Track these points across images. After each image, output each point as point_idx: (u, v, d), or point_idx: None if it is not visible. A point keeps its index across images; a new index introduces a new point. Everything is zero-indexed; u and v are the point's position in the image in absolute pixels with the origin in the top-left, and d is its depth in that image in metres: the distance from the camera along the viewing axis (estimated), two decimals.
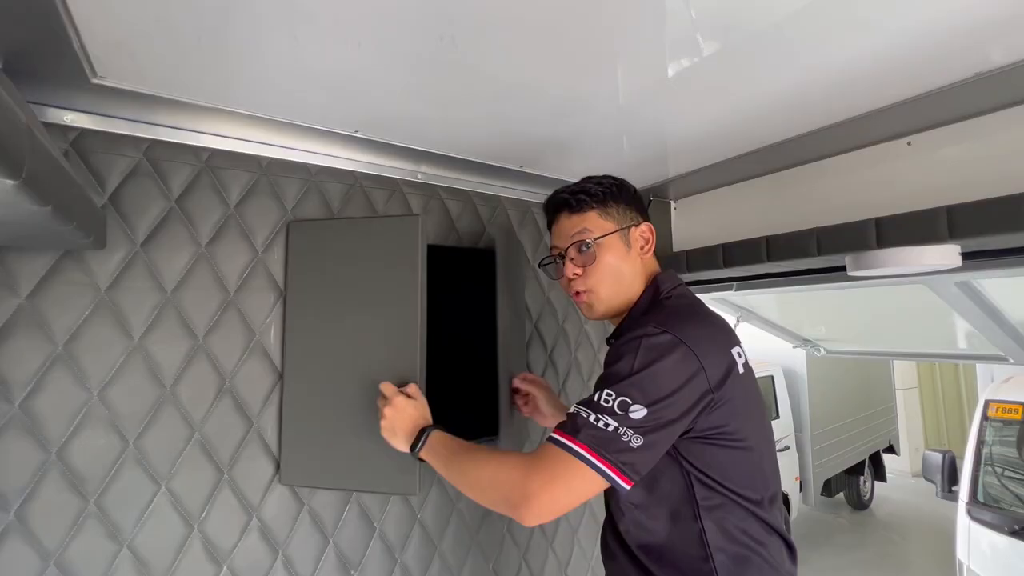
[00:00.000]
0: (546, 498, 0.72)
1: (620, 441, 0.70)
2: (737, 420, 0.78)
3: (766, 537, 0.80)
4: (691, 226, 1.70)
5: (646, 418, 0.70)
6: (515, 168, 1.41)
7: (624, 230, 0.93)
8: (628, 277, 0.92)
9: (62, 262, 0.95)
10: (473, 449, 0.86)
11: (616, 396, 0.72)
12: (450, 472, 0.86)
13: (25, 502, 0.89)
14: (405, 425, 0.91)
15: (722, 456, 0.78)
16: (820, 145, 1.25)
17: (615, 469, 0.70)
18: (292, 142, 1.19)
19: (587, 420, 0.73)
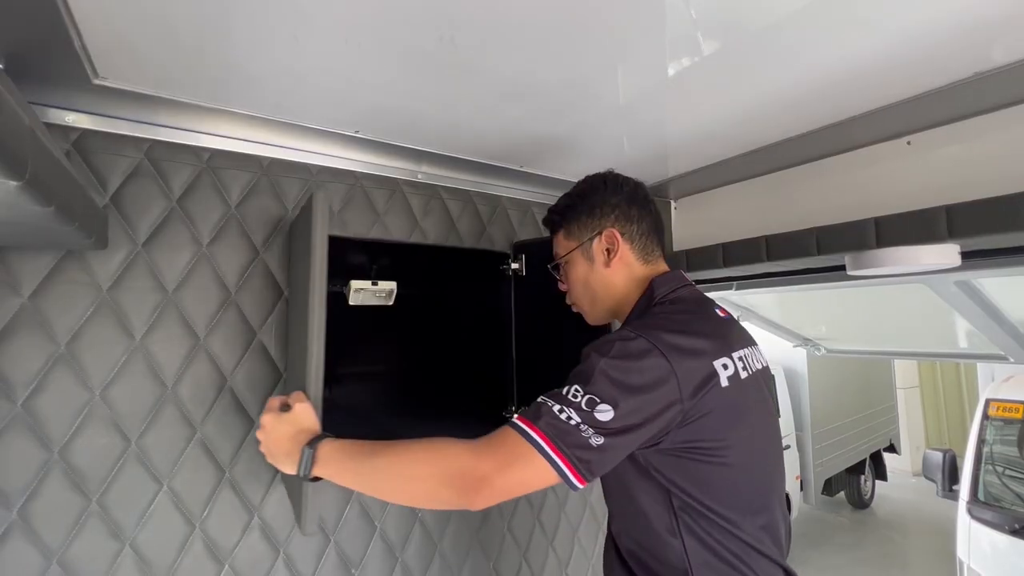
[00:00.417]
0: (499, 483, 0.69)
1: (580, 436, 0.68)
2: (715, 434, 0.74)
3: (753, 559, 0.75)
4: (691, 225, 1.70)
5: (611, 420, 0.68)
6: (515, 168, 1.41)
7: (585, 244, 0.94)
8: (601, 287, 0.93)
9: (64, 262, 0.95)
10: (390, 445, 0.75)
11: (584, 394, 0.70)
12: (365, 478, 0.75)
13: (28, 501, 0.90)
14: (280, 447, 0.79)
15: (699, 471, 0.74)
16: (820, 145, 1.25)
17: (569, 464, 0.68)
18: (293, 142, 1.19)
19: (550, 410, 0.71)
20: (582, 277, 0.95)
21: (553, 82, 0.96)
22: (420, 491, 0.73)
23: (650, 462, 0.76)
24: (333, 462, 0.76)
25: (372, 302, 1.68)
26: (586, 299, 0.97)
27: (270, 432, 0.81)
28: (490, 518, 1.44)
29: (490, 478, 0.69)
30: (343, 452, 0.77)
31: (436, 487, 0.71)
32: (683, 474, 0.75)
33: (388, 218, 1.34)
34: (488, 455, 0.71)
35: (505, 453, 0.70)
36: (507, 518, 1.48)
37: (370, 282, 1.64)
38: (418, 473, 0.72)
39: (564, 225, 0.98)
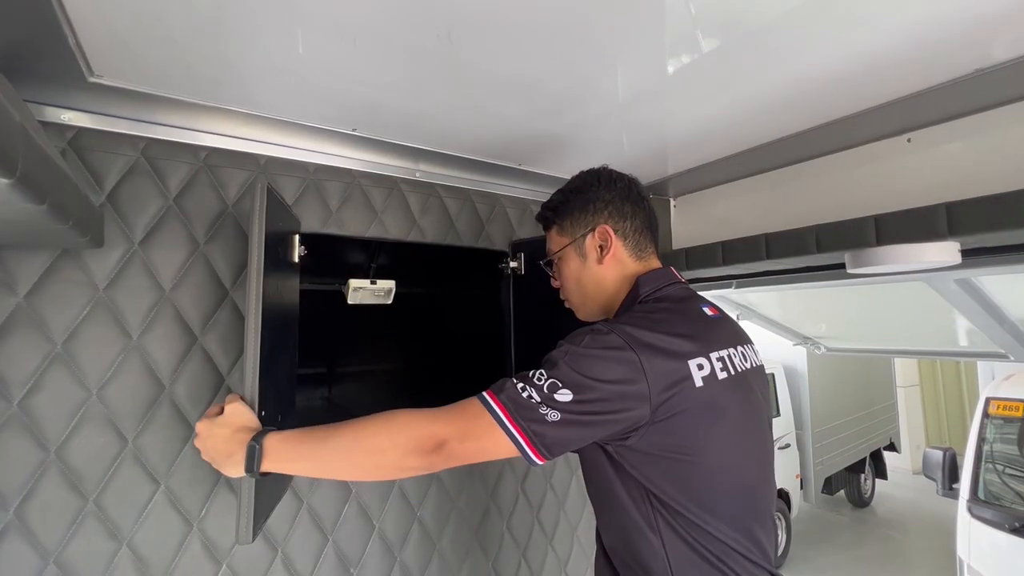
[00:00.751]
0: (458, 447, 0.72)
1: (537, 412, 0.70)
2: (689, 434, 0.74)
3: (735, 560, 0.74)
4: (691, 224, 1.69)
5: (569, 403, 0.70)
6: (514, 166, 1.41)
7: (578, 241, 0.94)
8: (593, 284, 0.94)
9: (60, 261, 0.95)
10: (343, 425, 0.75)
11: (547, 378, 0.72)
12: (323, 462, 0.75)
13: (24, 501, 0.90)
14: (220, 450, 0.77)
15: (674, 470, 0.74)
16: (820, 142, 1.24)
17: (525, 437, 0.70)
18: (290, 140, 1.18)
19: (514, 386, 0.74)
20: (575, 274, 0.96)
21: (552, 80, 0.96)
22: (385, 462, 0.73)
23: (625, 459, 0.76)
24: (283, 452, 0.75)
25: (371, 301, 1.68)
26: (578, 296, 0.97)
27: (207, 437, 0.79)
28: (489, 517, 1.44)
29: (449, 442, 0.71)
30: (292, 440, 0.76)
31: (401, 456, 0.72)
32: (659, 473, 0.75)
33: (386, 216, 1.33)
34: (449, 420, 0.73)
35: (466, 420, 0.73)
36: (506, 517, 1.47)
37: (368, 281, 1.64)
38: (381, 445, 0.73)
39: (557, 221, 0.98)
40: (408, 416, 0.75)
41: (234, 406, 0.80)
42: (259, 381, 0.82)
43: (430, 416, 0.74)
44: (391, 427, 0.74)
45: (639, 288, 0.88)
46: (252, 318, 0.82)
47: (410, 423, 0.74)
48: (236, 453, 0.77)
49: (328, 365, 2.22)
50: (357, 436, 0.75)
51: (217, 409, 0.83)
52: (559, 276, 1.00)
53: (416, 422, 0.74)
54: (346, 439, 0.75)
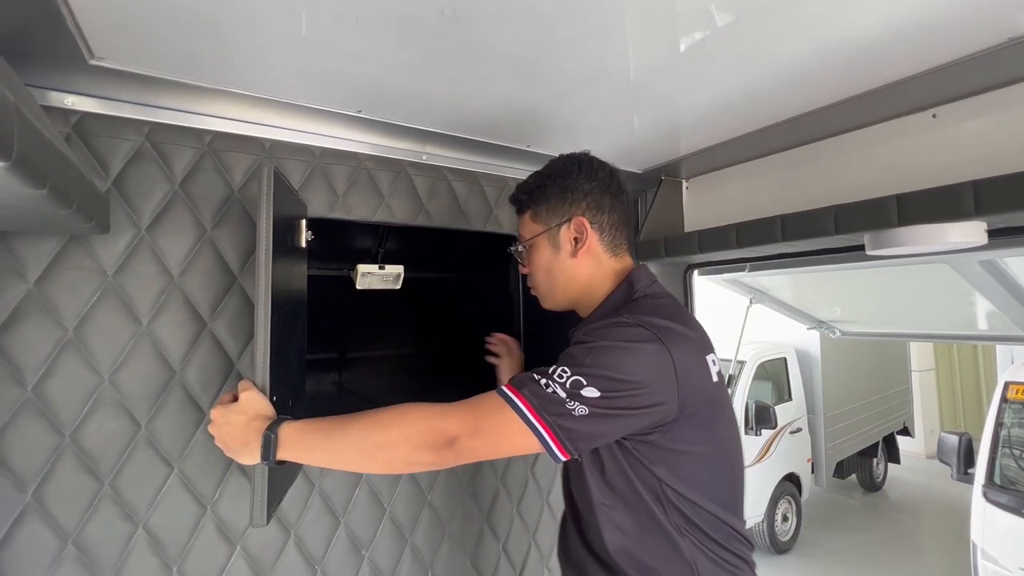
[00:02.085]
0: (468, 444, 0.70)
1: (563, 407, 0.68)
2: (705, 430, 0.76)
3: (735, 544, 0.79)
4: (703, 206, 1.66)
5: (597, 399, 0.68)
6: (522, 148, 1.38)
7: (552, 230, 0.91)
8: (564, 276, 0.91)
9: (68, 247, 0.95)
10: (356, 417, 0.75)
11: (571, 375, 0.70)
12: (337, 453, 0.74)
13: (41, 484, 0.91)
14: (235, 438, 0.77)
15: (688, 464, 0.75)
16: (839, 119, 1.20)
17: (551, 433, 0.68)
18: (295, 123, 1.17)
19: (536, 381, 0.72)
20: (545, 264, 0.92)
21: (560, 57, 0.92)
22: (395, 456, 0.72)
23: (643, 454, 0.75)
24: (298, 442, 0.75)
25: (379, 286, 1.68)
26: (546, 286, 0.94)
27: (222, 425, 0.78)
28: (499, 501, 1.45)
29: (460, 438, 0.70)
30: (307, 431, 0.76)
31: (411, 451, 0.71)
32: (676, 466, 0.75)
33: (393, 200, 1.32)
34: (462, 416, 0.72)
35: (481, 416, 0.72)
36: (516, 501, 1.48)
37: (377, 266, 1.63)
38: (392, 439, 0.72)
39: (532, 206, 0.94)
40: (420, 411, 0.74)
41: (248, 394, 0.80)
42: (270, 368, 0.82)
43: (442, 411, 0.73)
44: (403, 421, 0.73)
45: (634, 284, 0.86)
46: (262, 304, 0.82)
47: (421, 418, 0.73)
48: (252, 442, 0.77)
49: (339, 350, 2.23)
50: (369, 429, 0.74)
51: (231, 396, 0.83)
52: (528, 264, 0.95)
53: (428, 417, 0.73)
54: (358, 432, 0.74)
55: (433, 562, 1.32)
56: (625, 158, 1.52)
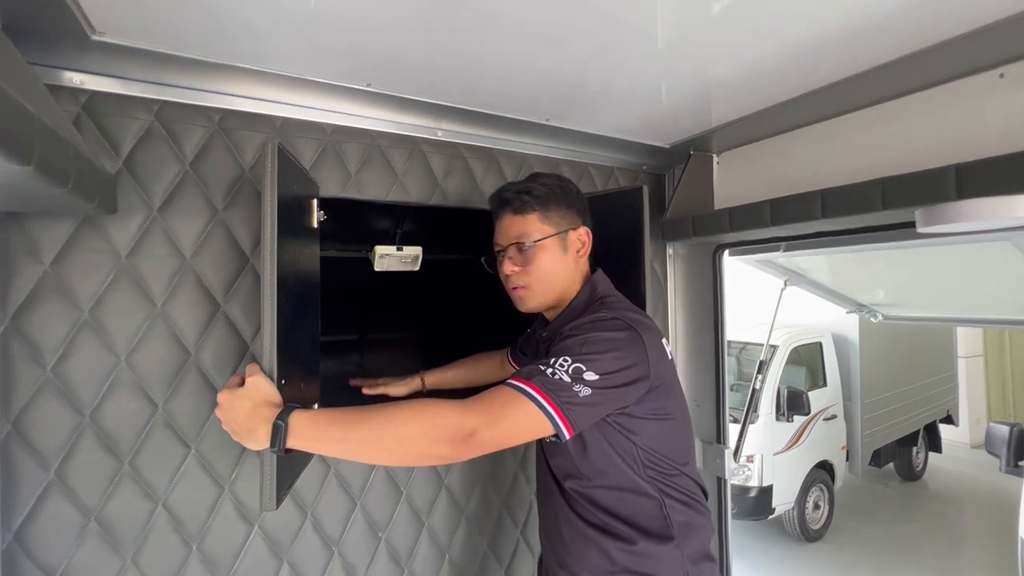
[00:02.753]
0: (486, 434, 0.75)
1: (571, 390, 0.78)
2: (668, 399, 0.92)
3: (695, 488, 0.97)
4: (736, 181, 1.56)
5: (596, 381, 0.80)
6: (542, 122, 1.31)
7: (563, 233, 1.00)
8: (562, 277, 1.00)
9: (82, 229, 0.95)
10: (372, 410, 0.77)
11: (571, 364, 0.80)
12: (351, 444, 0.76)
13: (64, 462, 0.93)
14: (242, 424, 0.76)
15: (658, 428, 0.91)
16: (888, 83, 1.09)
17: (561, 414, 0.77)
18: (305, 100, 1.13)
19: (543, 372, 0.80)
20: (551, 263, 0.99)
21: (583, 25, 0.86)
22: (414, 450, 0.75)
23: (623, 425, 0.89)
24: (310, 432, 0.75)
25: (398, 268, 1.65)
26: (543, 284, 1.00)
27: (228, 410, 0.77)
28: (518, 484, 1.43)
29: (479, 431, 0.75)
30: (320, 422, 0.76)
31: (430, 444, 0.74)
32: (650, 433, 0.90)
33: (407, 179, 1.28)
34: (480, 410, 0.77)
35: (501, 407, 0.78)
36: (534, 485, 1.45)
37: (395, 247, 1.61)
38: (411, 433, 0.75)
39: (540, 209, 0.98)
40: (439, 406, 0.77)
41: (255, 379, 0.78)
42: (277, 351, 0.80)
43: (461, 407, 0.77)
44: (422, 416, 0.76)
45: (596, 286, 1.01)
46: (268, 286, 0.79)
47: (442, 413, 0.76)
48: (258, 429, 0.76)
49: (360, 332, 2.24)
50: (388, 422, 0.76)
51: (238, 379, 0.81)
52: (529, 261, 0.99)
53: (447, 412, 0.76)
54: (376, 425, 0.76)
55: (450, 545, 1.31)
56: (652, 131, 1.44)
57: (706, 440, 1.64)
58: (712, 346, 1.62)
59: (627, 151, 1.56)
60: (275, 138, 0.77)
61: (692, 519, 0.93)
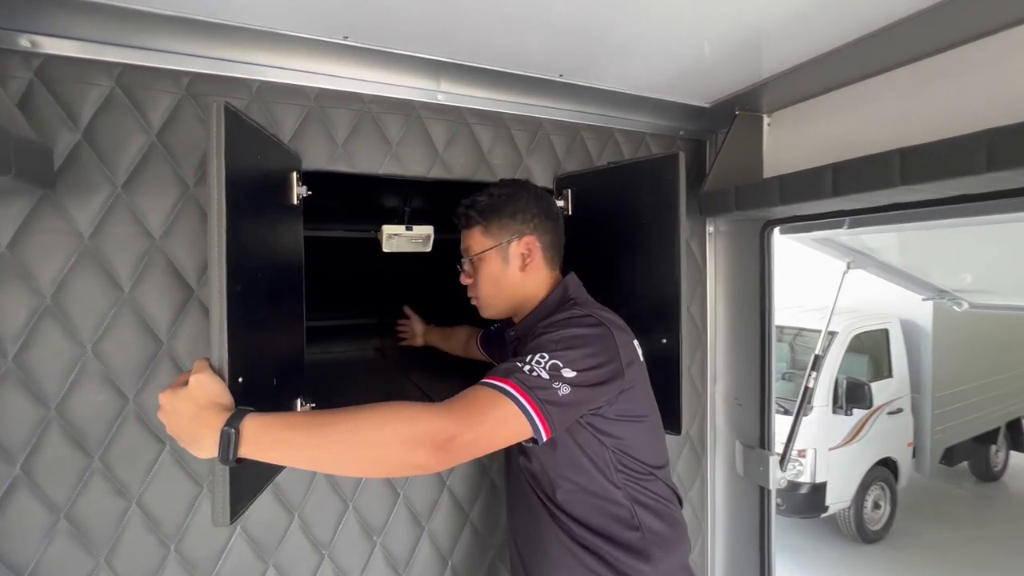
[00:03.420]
0: (469, 437, 0.69)
1: (550, 388, 0.75)
2: (640, 400, 0.90)
3: (668, 493, 0.94)
4: (791, 146, 1.33)
5: (574, 378, 0.76)
6: (555, 78, 1.14)
7: (502, 246, 0.98)
8: (508, 288, 0.99)
9: (40, 208, 0.87)
10: (338, 413, 0.68)
11: (548, 360, 0.77)
12: (316, 451, 0.67)
13: (30, 456, 0.87)
14: (185, 429, 0.67)
15: (631, 430, 0.88)
16: (992, 10, 0.84)
17: (540, 413, 0.73)
18: (283, 60, 1.01)
19: (520, 368, 0.76)
20: (493, 275, 0.99)
21: None
22: (386, 457, 0.68)
23: (596, 427, 0.86)
24: (266, 439, 0.65)
25: (408, 249, 1.53)
26: (491, 296, 1.01)
27: (169, 414, 0.68)
28: None
29: (460, 435, 0.69)
30: (277, 427, 0.66)
31: (405, 451, 0.67)
32: (623, 435, 0.87)
33: (403, 149, 1.14)
34: (457, 412, 0.71)
35: (480, 410, 0.72)
36: None
37: (404, 226, 1.48)
38: (384, 439, 0.67)
39: (482, 223, 0.99)
40: (414, 409, 0.70)
41: (199, 377, 0.68)
42: (231, 343, 0.69)
43: (436, 409, 0.70)
44: (396, 420, 0.68)
45: (567, 288, 0.99)
46: (216, 270, 0.68)
47: (418, 416, 0.69)
48: (202, 436, 0.66)
49: (378, 315, 2.16)
50: (356, 427, 0.68)
51: (185, 378, 0.72)
52: (474, 274, 1.02)
53: (424, 415, 0.69)
54: (343, 429, 0.67)
55: (453, 552, 1.21)
56: (689, 87, 1.23)
57: (748, 444, 1.45)
58: (757, 337, 1.41)
59: (660, 113, 1.35)
60: (219, 99, 0.66)
61: (667, 532, 0.90)
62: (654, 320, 1.05)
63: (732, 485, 1.53)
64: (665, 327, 1.02)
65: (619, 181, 1.15)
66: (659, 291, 1.04)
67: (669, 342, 1.01)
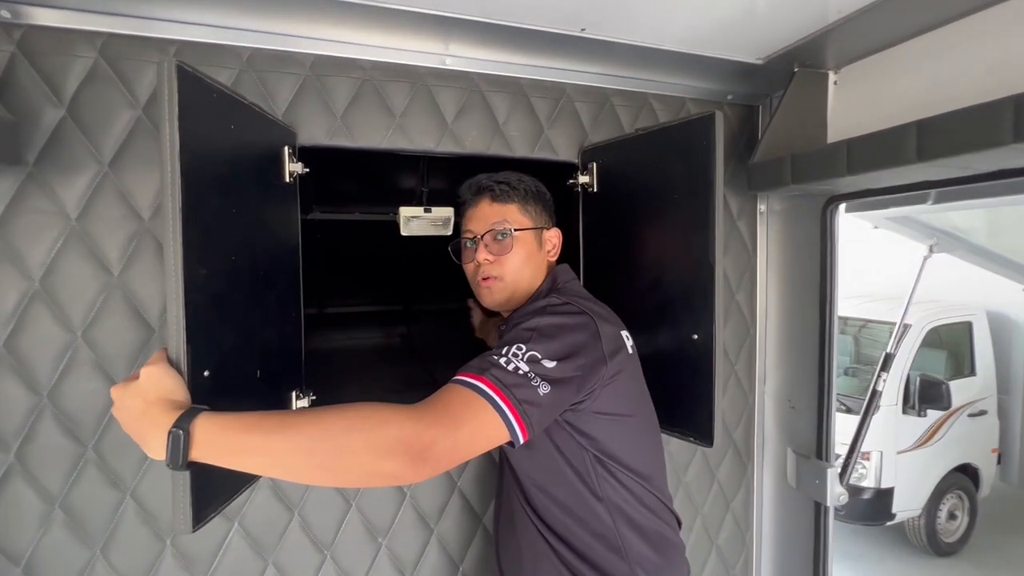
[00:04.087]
0: (448, 444, 0.62)
1: (529, 386, 0.68)
2: (626, 396, 0.83)
3: (662, 510, 0.86)
4: (861, 105, 1.12)
5: (552, 370, 0.71)
6: (577, 33, 0.99)
7: (539, 229, 0.96)
8: (530, 274, 0.95)
9: (25, 187, 0.84)
10: (301, 415, 0.63)
11: (527, 351, 0.71)
12: (276, 457, 0.59)
13: (23, 444, 0.85)
14: (132, 427, 0.61)
15: (615, 430, 0.81)
16: None
17: (517, 415, 0.67)
18: (275, 24, 0.93)
19: (496, 362, 0.70)
20: (525, 256, 0.94)
21: None
22: (355, 465, 0.61)
23: (576, 427, 0.79)
24: (221, 441, 0.58)
25: (428, 232, 1.44)
26: (515, 275, 0.94)
27: (119, 409, 0.62)
28: None
29: (438, 441, 0.62)
30: (234, 429, 0.59)
31: (375, 460, 0.60)
32: (607, 435, 0.80)
33: (408, 121, 1.04)
34: (433, 416, 0.64)
35: (454, 410, 0.66)
36: None
37: (422, 208, 1.39)
38: (352, 445, 0.60)
39: (519, 201, 0.95)
40: (385, 412, 0.63)
41: (151, 370, 0.61)
42: (187, 333, 0.62)
43: (409, 413, 0.63)
44: (365, 425, 0.61)
45: (557, 277, 0.95)
46: (171, 254, 0.60)
47: (389, 420, 0.62)
48: (149, 435, 0.59)
49: (405, 303, 2.10)
50: (322, 431, 0.61)
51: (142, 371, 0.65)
52: (506, 250, 0.93)
53: (396, 419, 0.62)
54: (308, 433, 0.60)
55: (464, 557, 1.12)
56: (738, 40, 1.05)
57: (801, 453, 1.27)
58: (816, 332, 1.23)
59: (702, 73, 1.18)
60: (170, 59, 0.58)
61: (656, 559, 0.81)
62: (684, 312, 0.90)
63: (782, 497, 1.36)
64: (696, 321, 0.88)
65: (648, 150, 1.00)
66: (690, 279, 0.89)
67: (701, 338, 0.87)
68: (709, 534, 1.33)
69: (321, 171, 1.05)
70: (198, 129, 0.63)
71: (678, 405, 0.93)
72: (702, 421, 0.88)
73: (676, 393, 0.93)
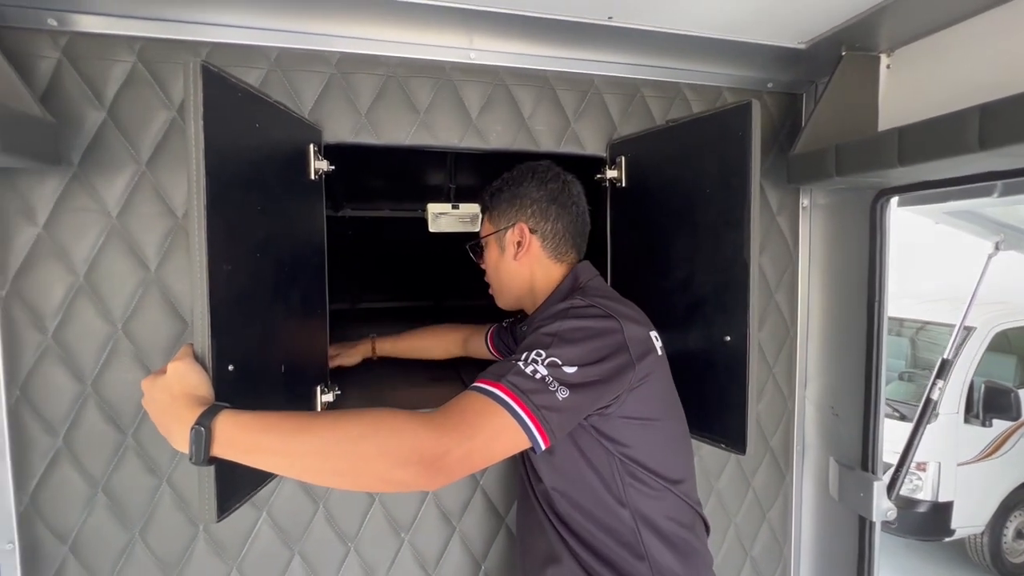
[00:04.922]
0: (462, 452, 0.62)
1: (547, 391, 0.67)
2: (654, 399, 0.79)
3: (690, 517, 0.83)
4: (916, 91, 1.04)
5: (573, 377, 0.69)
6: (604, 22, 0.96)
7: (500, 233, 0.94)
8: (507, 276, 0.94)
9: (71, 187, 0.88)
10: (319, 418, 0.63)
11: (546, 356, 0.69)
12: (293, 458, 0.60)
13: (70, 429, 0.90)
14: (158, 419, 0.64)
15: (642, 434, 0.78)
16: None
17: (536, 421, 0.65)
18: (303, 24, 0.94)
19: (515, 366, 0.68)
20: (493, 263, 0.96)
21: None
22: (368, 472, 0.62)
23: (601, 431, 0.77)
24: (240, 439, 0.59)
25: (456, 229, 1.44)
26: (496, 283, 0.98)
27: (148, 402, 0.64)
28: None
29: (451, 450, 0.61)
30: (253, 428, 0.60)
31: (389, 467, 0.60)
32: (630, 438, 0.77)
33: (432, 117, 1.04)
34: (448, 424, 0.63)
35: (469, 418, 0.65)
36: None
37: (450, 205, 1.39)
38: (366, 452, 0.60)
39: (491, 208, 0.96)
40: (401, 419, 0.63)
41: (177, 365, 0.63)
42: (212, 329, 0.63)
43: (425, 420, 0.63)
44: (380, 432, 0.62)
45: (578, 276, 0.91)
46: (197, 250, 0.62)
47: (404, 427, 0.62)
48: (173, 429, 0.61)
49: (435, 298, 2.11)
50: (338, 436, 0.62)
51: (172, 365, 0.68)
52: (483, 261, 0.99)
53: (411, 427, 0.62)
54: (324, 437, 0.61)
55: (487, 556, 1.12)
56: (779, 23, 0.99)
57: (845, 463, 1.20)
58: (861, 335, 1.15)
59: (741, 60, 1.12)
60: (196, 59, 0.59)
61: (679, 569, 0.79)
62: (716, 313, 0.86)
63: (824, 509, 1.29)
64: (729, 322, 0.83)
65: (679, 143, 0.96)
66: (723, 278, 0.84)
67: (734, 340, 0.82)
68: (743, 544, 1.27)
69: (351, 168, 1.06)
70: (223, 128, 0.64)
71: (709, 410, 0.89)
72: (734, 428, 0.84)
73: (707, 397, 0.89)
